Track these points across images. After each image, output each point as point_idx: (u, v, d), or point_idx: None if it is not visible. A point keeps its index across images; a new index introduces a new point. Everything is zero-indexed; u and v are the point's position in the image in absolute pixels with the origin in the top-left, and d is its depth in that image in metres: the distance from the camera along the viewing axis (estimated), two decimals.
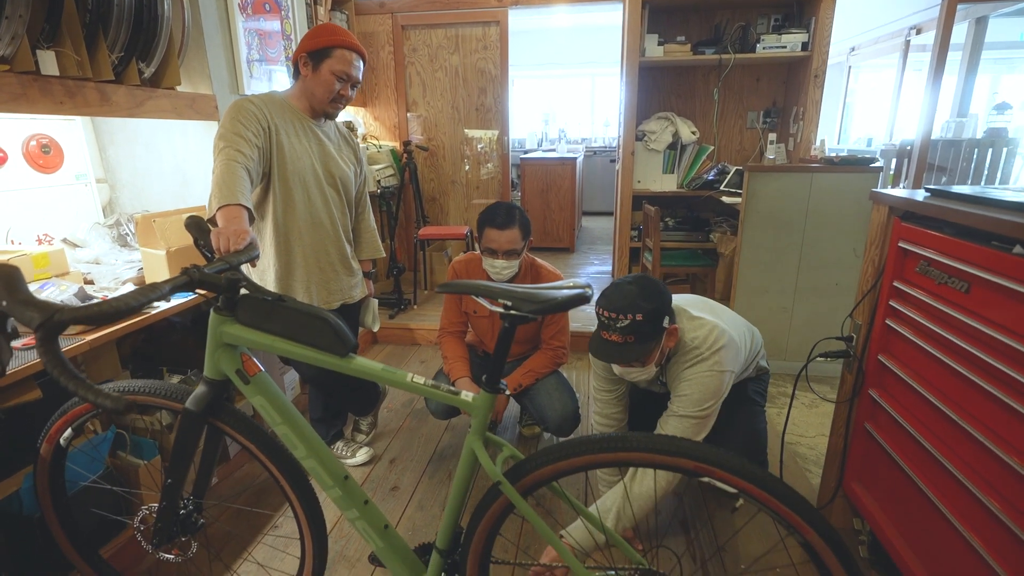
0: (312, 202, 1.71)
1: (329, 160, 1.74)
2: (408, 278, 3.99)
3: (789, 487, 0.88)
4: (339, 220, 1.80)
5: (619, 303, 1.29)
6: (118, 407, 0.83)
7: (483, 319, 2.02)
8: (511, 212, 1.82)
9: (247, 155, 1.46)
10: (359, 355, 1.03)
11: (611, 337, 1.31)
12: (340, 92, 1.66)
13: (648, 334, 1.31)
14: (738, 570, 1.54)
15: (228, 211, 1.31)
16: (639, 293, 1.31)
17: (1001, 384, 1.01)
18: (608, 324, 1.31)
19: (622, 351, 1.31)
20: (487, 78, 3.94)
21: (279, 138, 1.60)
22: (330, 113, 1.73)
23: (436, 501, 1.86)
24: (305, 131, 1.69)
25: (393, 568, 1.15)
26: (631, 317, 1.28)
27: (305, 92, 1.67)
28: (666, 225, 3.65)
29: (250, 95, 1.62)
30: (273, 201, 1.64)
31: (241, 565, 1.58)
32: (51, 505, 1.28)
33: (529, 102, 7.84)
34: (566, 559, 1.00)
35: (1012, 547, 0.98)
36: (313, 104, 1.68)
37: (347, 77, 1.64)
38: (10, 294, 0.81)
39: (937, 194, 1.27)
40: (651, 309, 1.29)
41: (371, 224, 2.00)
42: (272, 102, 1.63)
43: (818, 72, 3.19)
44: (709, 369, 1.42)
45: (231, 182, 1.37)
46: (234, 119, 1.50)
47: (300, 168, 1.65)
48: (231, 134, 1.47)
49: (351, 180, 1.83)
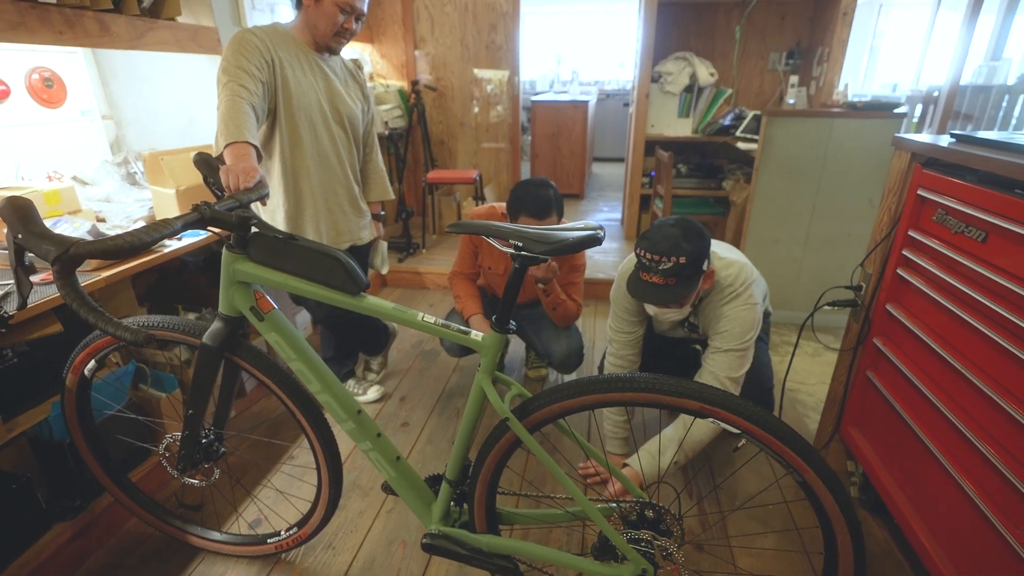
0: (319, 140, 1.67)
1: (336, 97, 1.68)
2: (416, 222, 3.98)
3: (790, 428, 0.90)
4: (347, 159, 1.76)
5: (662, 245, 1.29)
6: (138, 339, 0.86)
7: (497, 276, 2.01)
8: (547, 198, 1.71)
9: (251, 90, 1.42)
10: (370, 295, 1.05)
11: (652, 279, 1.32)
12: (344, 25, 1.58)
13: (689, 277, 1.31)
14: (732, 506, 1.61)
15: (235, 148, 1.29)
16: (682, 236, 1.30)
17: (1011, 336, 1.01)
18: (649, 266, 1.31)
19: (663, 293, 1.32)
20: (498, 14, 3.77)
21: (284, 72, 1.54)
22: (334, 48, 1.66)
23: (444, 436, 1.93)
24: (311, 66, 1.62)
25: (405, 496, 1.21)
26: (674, 260, 1.28)
27: (308, 25, 1.59)
28: (679, 172, 3.58)
29: (252, 27, 1.55)
30: (280, 139, 1.60)
31: (261, 491, 1.66)
32: (80, 432, 1.35)
33: (541, 41, 7.51)
34: (570, 491, 1.04)
35: (1005, 492, 1.01)
36: (316, 38, 1.61)
37: (351, 8, 1.56)
38: (25, 227, 0.82)
39: (962, 139, 1.23)
40: (694, 252, 1.29)
41: (379, 164, 1.95)
42: (276, 34, 1.56)
43: (847, 9, 3.03)
44: (744, 303, 1.46)
45: (237, 119, 1.34)
46: (236, 52, 1.45)
47: (306, 104, 1.60)
48: (234, 68, 1.42)
49: (359, 118, 1.78)
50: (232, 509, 1.59)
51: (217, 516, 1.56)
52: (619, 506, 1.07)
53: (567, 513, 1.15)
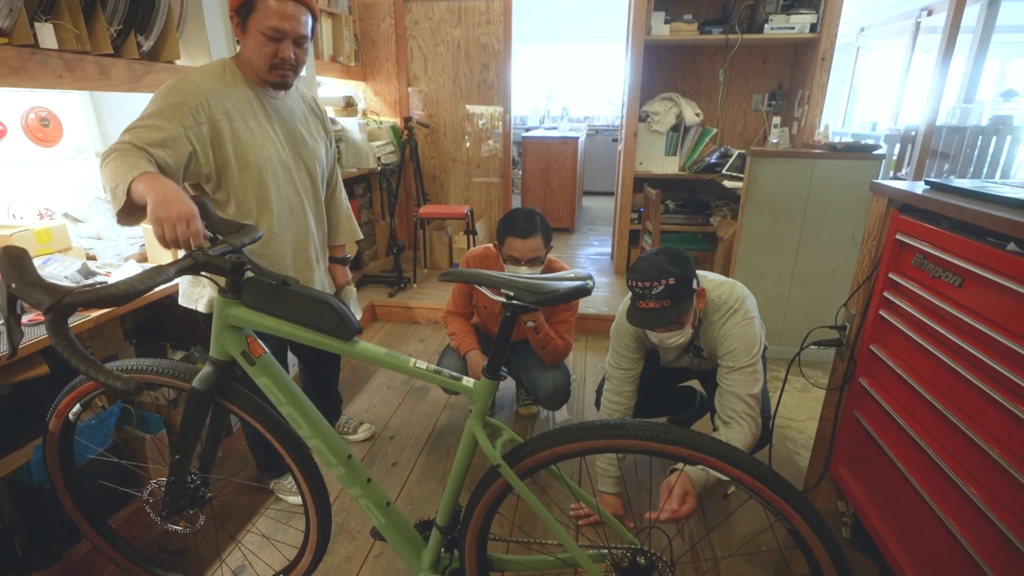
0: (283, 196, 1.47)
1: (297, 141, 1.50)
2: (408, 256, 4.00)
3: (778, 475, 0.91)
4: (313, 211, 1.59)
5: (650, 273, 1.39)
6: (129, 388, 0.85)
7: (493, 314, 2.03)
8: (532, 219, 1.77)
9: (157, 157, 1.21)
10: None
11: (648, 305, 1.41)
12: (280, 55, 1.32)
13: (682, 296, 1.40)
14: (727, 552, 1.60)
15: (148, 182, 1.07)
16: (667, 260, 1.41)
17: (988, 379, 1.04)
18: (643, 294, 1.40)
19: (661, 315, 1.40)
20: (490, 53, 3.88)
21: (233, 126, 1.34)
22: (275, 83, 1.40)
23: (435, 476, 1.91)
24: (263, 111, 1.42)
25: (394, 543, 1.19)
26: (664, 282, 1.37)
27: (246, 60, 1.38)
28: (667, 208, 3.65)
29: (197, 71, 1.34)
30: (236, 205, 1.40)
31: (246, 536, 1.62)
32: (61, 476, 1.32)
33: (532, 78, 7.72)
34: (560, 537, 1.03)
35: (991, 535, 1.02)
36: (256, 73, 1.38)
37: (279, 33, 1.29)
38: (19, 276, 0.83)
39: (936, 187, 1.28)
40: (680, 272, 1.39)
41: (345, 203, 1.79)
42: (222, 80, 1.36)
43: (825, 55, 3.15)
44: (743, 318, 1.51)
45: (130, 159, 1.14)
46: (160, 109, 1.24)
47: (264, 157, 1.40)
48: (140, 128, 1.21)
49: (323, 159, 1.60)
50: (215, 555, 1.55)
51: (200, 562, 1.52)
52: (611, 552, 1.06)
53: (558, 559, 1.14)
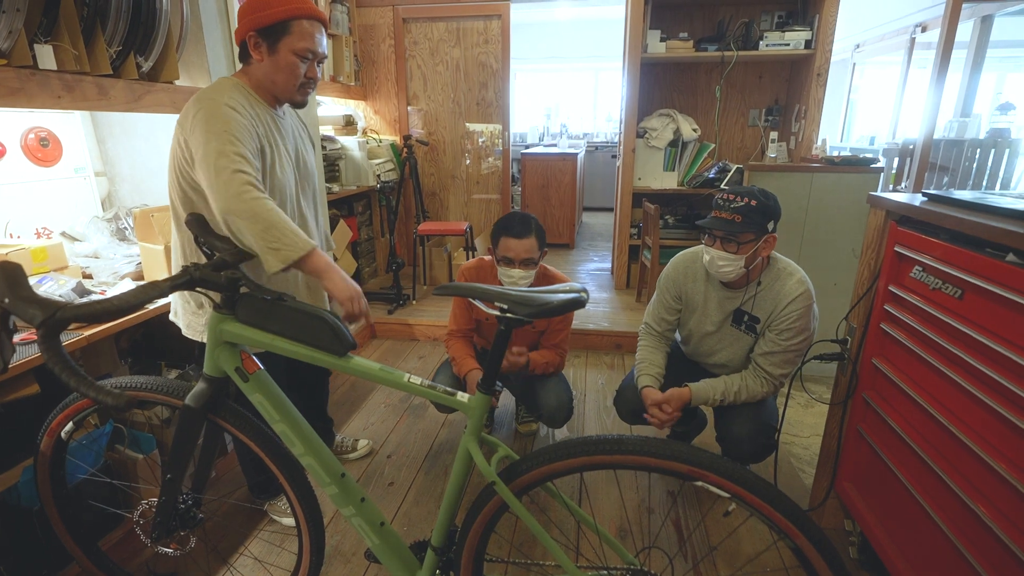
0: (296, 216, 1.48)
1: (300, 159, 1.51)
2: (407, 273, 3.99)
3: (780, 492, 0.89)
4: (318, 228, 1.62)
5: (740, 189, 1.53)
6: (120, 404, 0.84)
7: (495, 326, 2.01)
8: (527, 221, 1.80)
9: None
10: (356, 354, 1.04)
11: (722, 215, 1.52)
12: (308, 75, 1.37)
13: (754, 221, 1.49)
14: (729, 572, 1.56)
15: (318, 263, 1.18)
16: (760, 192, 1.52)
17: (991, 391, 1.02)
18: (723, 204, 1.52)
19: (729, 225, 1.50)
20: (488, 72, 3.93)
21: (270, 151, 1.36)
22: (299, 102, 1.43)
23: (431, 496, 1.87)
24: (279, 131, 1.42)
25: (389, 564, 1.16)
26: (746, 200, 1.49)
27: (264, 81, 1.37)
28: (666, 223, 3.65)
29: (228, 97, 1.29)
30: None
31: (237, 559, 1.59)
32: (51, 497, 1.30)
33: (531, 96, 7.80)
34: (558, 558, 1.01)
35: (998, 551, 0.99)
36: (277, 94, 1.40)
37: (312, 54, 1.35)
38: (12, 291, 0.82)
39: (934, 199, 1.28)
40: (763, 203, 1.49)
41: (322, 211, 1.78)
42: (248, 104, 1.34)
43: (821, 71, 3.18)
44: (805, 301, 1.56)
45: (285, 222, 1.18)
46: (228, 135, 1.22)
47: (285, 183, 1.42)
48: (233, 153, 1.21)
49: (315, 173, 1.62)
50: None
51: None
52: (610, 573, 1.03)
53: None
